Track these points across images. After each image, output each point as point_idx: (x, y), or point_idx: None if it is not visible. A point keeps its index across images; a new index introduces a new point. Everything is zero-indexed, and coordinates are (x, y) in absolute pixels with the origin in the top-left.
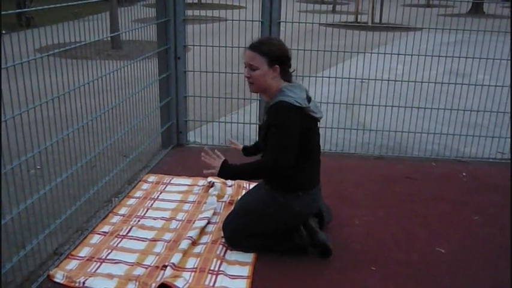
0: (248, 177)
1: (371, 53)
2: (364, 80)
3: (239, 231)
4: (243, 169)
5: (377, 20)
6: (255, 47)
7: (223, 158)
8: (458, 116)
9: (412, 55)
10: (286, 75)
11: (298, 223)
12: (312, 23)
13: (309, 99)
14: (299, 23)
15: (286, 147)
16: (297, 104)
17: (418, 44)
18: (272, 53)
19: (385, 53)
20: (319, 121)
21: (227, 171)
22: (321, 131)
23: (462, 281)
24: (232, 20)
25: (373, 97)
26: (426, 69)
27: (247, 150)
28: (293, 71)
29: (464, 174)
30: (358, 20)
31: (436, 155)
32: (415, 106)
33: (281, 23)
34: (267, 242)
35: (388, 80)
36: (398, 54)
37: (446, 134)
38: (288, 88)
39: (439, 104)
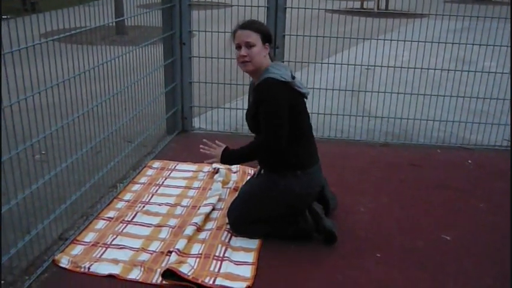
0: (248, 159)
1: (377, 39)
2: (369, 67)
3: (243, 217)
4: (241, 152)
5: (383, 6)
6: (247, 25)
7: (224, 146)
8: (464, 103)
9: (418, 41)
10: (270, 56)
11: (301, 205)
12: (318, 9)
13: (293, 77)
14: (305, 8)
15: (277, 124)
16: (283, 79)
17: (424, 30)
18: (264, 31)
19: (391, 40)
20: (306, 98)
21: (229, 157)
22: (327, 118)
23: (467, 268)
24: (238, 6)
25: (378, 84)
26: (432, 56)
27: None
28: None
29: (469, 161)
30: (364, 7)
31: (441, 142)
32: (421, 93)
33: (287, 8)
34: (272, 227)
35: (394, 67)
36: (404, 40)
37: (452, 121)
38: (272, 66)
39: (445, 91)
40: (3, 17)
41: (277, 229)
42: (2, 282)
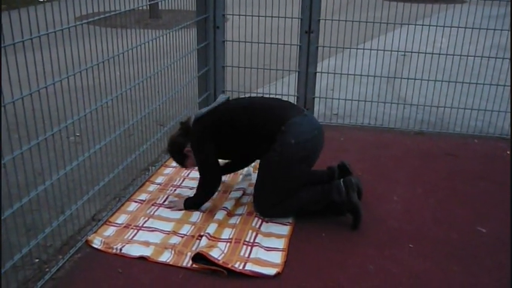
0: (203, 198)
1: (414, 24)
2: (405, 53)
3: (268, 200)
4: (195, 196)
5: None
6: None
7: (185, 198)
8: (504, 92)
9: (458, 27)
10: (187, 133)
11: (308, 153)
12: None
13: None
14: None
15: (204, 162)
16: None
17: (463, 16)
18: (175, 154)
19: (429, 25)
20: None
21: (190, 202)
22: (361, 104)
23: (502, 261)
24: None
25: (414, 71)
26: (471, 43)
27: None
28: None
29: (508, 152)
30: None
31: (479, 132)
32: (458, 81)
33: None
34: (302, 201)
35: (432, 54)
36: (444, 26)
37: (491, 111)
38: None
39: (484, 79)
40: (39, 0)
41: (308, 203)
42: (37, 260)
